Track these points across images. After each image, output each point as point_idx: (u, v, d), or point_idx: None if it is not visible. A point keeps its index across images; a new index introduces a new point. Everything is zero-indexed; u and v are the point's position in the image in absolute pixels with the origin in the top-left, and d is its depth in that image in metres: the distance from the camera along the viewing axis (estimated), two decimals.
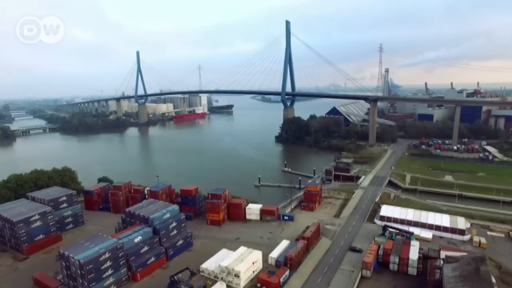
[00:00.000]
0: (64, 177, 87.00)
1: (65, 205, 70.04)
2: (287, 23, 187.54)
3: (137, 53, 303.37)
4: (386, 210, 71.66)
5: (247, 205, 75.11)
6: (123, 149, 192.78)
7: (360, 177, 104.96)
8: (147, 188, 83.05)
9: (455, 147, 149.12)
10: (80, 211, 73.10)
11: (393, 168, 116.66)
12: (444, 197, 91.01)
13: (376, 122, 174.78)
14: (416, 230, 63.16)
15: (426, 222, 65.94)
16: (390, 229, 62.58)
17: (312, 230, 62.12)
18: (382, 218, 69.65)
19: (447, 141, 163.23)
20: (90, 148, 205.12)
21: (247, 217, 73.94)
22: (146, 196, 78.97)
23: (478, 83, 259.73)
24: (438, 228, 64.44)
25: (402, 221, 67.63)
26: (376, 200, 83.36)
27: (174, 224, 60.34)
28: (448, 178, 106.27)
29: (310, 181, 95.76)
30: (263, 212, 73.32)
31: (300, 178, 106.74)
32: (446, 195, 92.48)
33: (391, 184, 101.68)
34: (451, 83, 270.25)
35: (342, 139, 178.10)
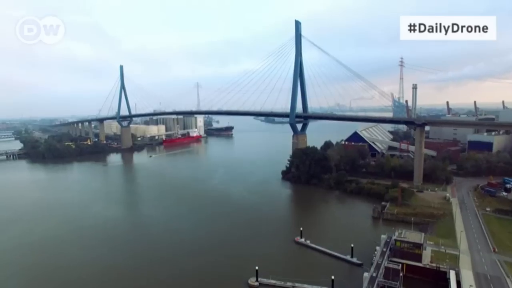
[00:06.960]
0: None
1: None
2: (297, 24, 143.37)
3: (121, 67, 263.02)
4: None
5: None
6: (77, 190, 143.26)
7: (447, 273, 55.56)
8: None
9: None
10: None
11: (496, 250, 66.32)
12: None
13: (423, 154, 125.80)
14: None
15: None
16: None
17: None
18: None
19: None
20: (44, 184, 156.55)
21: None
22: None
23: (503, 101, 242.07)
24: None
25: None
26: None
27: None
28: None
29: None
30: None
31: (333, 276, 56.68)
32: None
33: None
34: (475, 102, 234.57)
35: (372, 176, 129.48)
